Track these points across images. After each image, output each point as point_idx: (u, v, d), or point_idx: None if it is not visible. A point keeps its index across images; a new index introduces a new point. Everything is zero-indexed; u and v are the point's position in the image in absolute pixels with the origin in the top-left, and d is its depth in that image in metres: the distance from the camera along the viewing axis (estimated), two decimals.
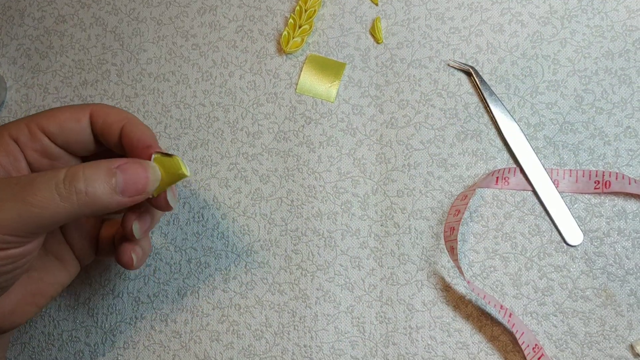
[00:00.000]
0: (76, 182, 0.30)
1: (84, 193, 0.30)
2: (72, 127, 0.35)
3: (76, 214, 0.30)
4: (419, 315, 0.41)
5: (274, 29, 0.47)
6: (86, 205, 0.30)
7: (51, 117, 0.35)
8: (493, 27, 0.45)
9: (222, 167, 0.45)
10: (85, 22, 0.50)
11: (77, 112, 0.35)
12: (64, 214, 0.30)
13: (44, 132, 0.35)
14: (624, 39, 0.43)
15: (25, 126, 0.34)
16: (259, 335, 0.42)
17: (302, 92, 0.46)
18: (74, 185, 0.29)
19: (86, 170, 0.30)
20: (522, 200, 0.42)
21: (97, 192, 0.30)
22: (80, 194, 0.30)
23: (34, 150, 0.35)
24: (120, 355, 0.43)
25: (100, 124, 0.35)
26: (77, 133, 0.35)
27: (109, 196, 0.30)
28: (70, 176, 0.30)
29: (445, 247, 0.41)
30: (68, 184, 0.29)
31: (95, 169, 0.30)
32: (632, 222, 0.40)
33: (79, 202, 0.30)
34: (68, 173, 0.30)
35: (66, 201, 0.29)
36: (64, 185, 0.29)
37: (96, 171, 0.30)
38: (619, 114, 0.42)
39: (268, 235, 0.44)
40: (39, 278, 0.36)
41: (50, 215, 0.29)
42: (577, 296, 0.40)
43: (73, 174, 0.30)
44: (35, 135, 0.35)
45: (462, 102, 0.44)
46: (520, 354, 0.39)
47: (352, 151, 0.44)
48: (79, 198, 0.30)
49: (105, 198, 0.30)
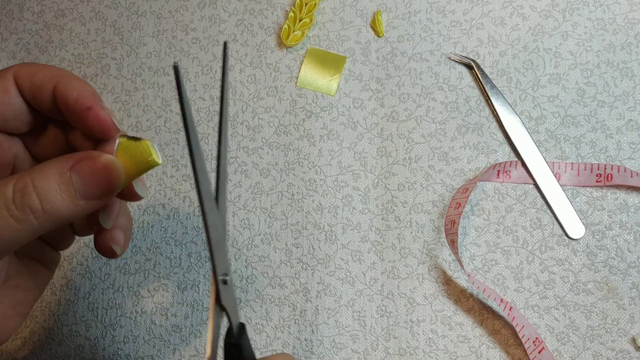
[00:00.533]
0: (28, 199, 0.25)
1: (41, 210, 0.25)
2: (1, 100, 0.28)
3: (38, 233, 0.26)
4: (420, 309, 0.41)
5: (274, 23, 0.47)
6: (47, 222, 0.25)
7: None
8: (494, 20, 0.45)
9: None
10: (85, 16, 0.49)
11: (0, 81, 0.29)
12: (24, 236, 0.25)
13: None
14: (625, 32, 0.43)
15: None
16: (260, 329, 0.42)
17: (303, 85, 0.45)
18: (26, 203, 0.25)
19: (35, 181, 0.25)
20: (524, 194, 0.42)
21: (55, 206, 0.25)
22: (37, 212, 0.25)
23: None
24: (120, 350, 0.43)
25: (28, 88, 0.29)
26: (8, 106, 0.29)
27: (71, 205, 0.26)
28: (19, 193, 0.25)
29: (446, 240, 0.41)
30: (19, 203, 0.25)
31: (45, 177, 0.25)
32: (634, 215, 0.40)
33: (39, 220, 0.25)
34: (16, 188, 0.25)
35: (23, 223, 0.25)
36: (15, 205, 0.25)
37: (47, 180, 0.25)
38: (621, 106, 0.42)
39: (268, 229, 0.43)
40: (16, 286, 0.31)
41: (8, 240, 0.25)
42: (578, 289, 0.40)
43: (22, 190, 0.25)
44: None
45: (463, 96, 0.44)
46: (521, 348, 0.39)
47: (352, 145, 0.44)
48: (37, 217, 0.25)
49: (66, 209, 0.25)
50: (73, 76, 0.29)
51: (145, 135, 0.46)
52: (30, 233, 0.25)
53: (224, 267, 0.28)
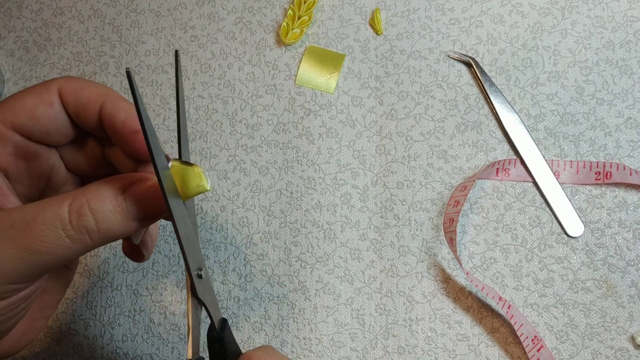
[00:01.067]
0: (84, 220, 0.25)
1: (96, 231, 0.26)
2: (44, 113, 0.29)
3: (90, 250, 0.27)
4: (419, 307, 0.41)
5: (273, 21, 0.47)
6: (101, 241, 0.26)
7: (16, 107, 0.29)
8: (493, 18, 0.44)
9: (221, 159, 0.45)
10: (84, 14, 0.49)
11: (43, 94, 0.29)
12: (78, 254, 0.26)
13: (14, 128, 0.29)
14: (624, 30, 0.43)
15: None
16: (258, 327, 0.42)
17: (302, 83, 0.45)
18: (83, 225, 0.25)
19: (91, 204, 0.26)
20: (523, 192, 0.42)
21: (110, 227, 0.26)
22: (92, 233, 0.26)
23: (7, 154, 0.29)
24: (119, 348, 0.43)
25: (73, 104, 0.29)
26: (53, 120, 0.29)
27: (124, 226, 0.26)
28: (75, 213, 0.25)
29: (444, 238, 0.41)
30: (76, 225, 0.25)
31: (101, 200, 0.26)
32: (633, 213, 0.40)
33: (93, 240, 0.26)
34: (72, 209, 0.25)
35: (78, 242, 0.26)
36: (71, 226, 0.25)
37: (103, 203, 0.26)
38: (620, 104, 0.42)
39: (267, 227, 0.43)
40: (44, 290, 0.32)
41: (60, 258, 0.26)
42: (577, 288, 0.40)
43: (78, 211, 0.25)
44: (4, 136, 0.29)
45: (462, 94, 0.44)
46: (520, 346, 0.39)
47: (351, 143, 0.44)
48: (92, 237, 0.26)
49: (120, 230, 0.26)
50: (120, 96, 0.29)
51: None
52: (83, 251, 0.26)
53: (198, 261, 0.29)
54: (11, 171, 0.30)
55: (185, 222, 0.27)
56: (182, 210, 0.27)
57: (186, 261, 0.27)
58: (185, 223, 0.27)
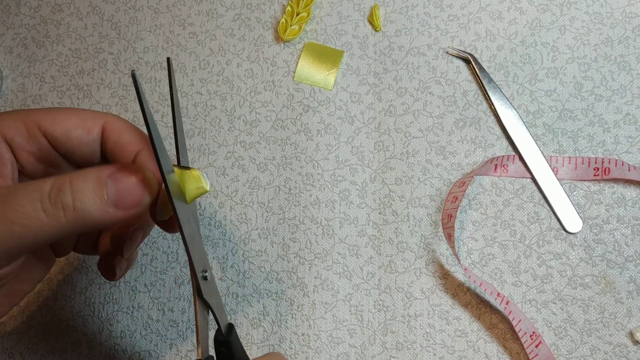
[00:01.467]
0: (63, 195, 0.26)
1: (72, 208, 0.26)
2: (79, 136, 0.30)
3: (64, 232, 0.26)
4: (418, 303, 0.41)
5: (272, 17, 0.47)
6: (75, 222, 0.26)
7: (57, 119, 0.30)
8: (492, 15, 0.44)
9: (219, 156, 0.45)
10: (82, 10, 0.49)
11: (87, 121, 0.31)
12: (50, 232, 0.26)
13: (45, 134, 0.30)
14: (623, 26, 0.43)
15: (22, 125, 0.30)
16: (257, 324, 0.42)
17: (300, 80, 0.45)
18: (60, 199, 0.26)
19: (73, 181, 0.26)
20: (521, 188, 0.42)
21: (86, 207, 0.26)
22: (67, 210, 0.26)
23: (30, 153, 0.30)
24: (117, 345, 0.43)
25: (113, 143, 0.31)
26: (84, 145, 0.31)
27: (101, 210, 0.26)
28: (56, 188, 0.26)
29: (443, 234, 0.41)
30: (54, 199, 0.25)
31: (84, 178, 0.26)
32: (632, 209, 0.40)
33: (67, 218, 0.26)
34: (54, 185, 0.26)
35: (52, 218, 0.25)
36: (49, 199, 0.25)
37: (85, 181, 0.26)
38: (619, 100, 0.42)
39: (265, 223, 0.43)
40: (14, 278, 0.32)
41: (34, 234, 0.26)
42: (576, 283, 0.40)
43: (59, 186, 0.26)
44: (34, 136, 0.30)
45: (460, 90, 0.44)
46: (518, 342, 0.39)
47: (350, 139, 0.44)
48: (67, 214, 0.26)
49: (96, 213, 0.26)
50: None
51: (142, 129, 0.46)
52: (57, 231, 0.26)
53: (203, 263, 0.29)
54: (27, 169, 0.31)
55: (190, 224, 0.27)
56: (187, 213, 0.27)
57: (192, 263, 0.27)
58: (189, 225, 0.27)
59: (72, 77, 0.48)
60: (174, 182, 0.26)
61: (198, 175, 0.28)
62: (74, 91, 0.48)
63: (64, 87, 0.48)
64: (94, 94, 0.47)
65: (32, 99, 0.48)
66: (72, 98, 0.48)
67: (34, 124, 0.30)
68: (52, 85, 0.48)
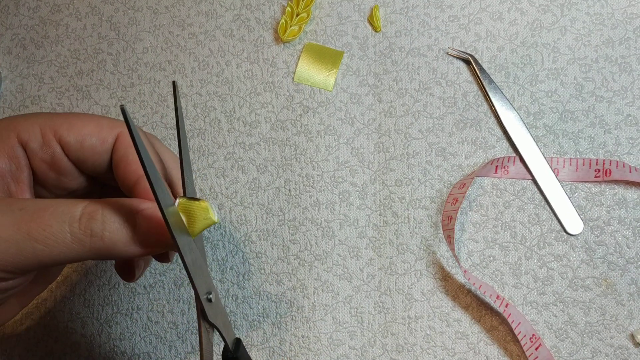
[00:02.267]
0: (94, 223, 0.26)
1: (100, 237, 0.26)
2: (94, 145, 0.30)
3: (83, 258, 0.26)
4: (418, 305, 0.41)
5: (271, 18, 0.47)
6: (98, 251, 0.26)
7: (73, 126, 0.30)
8: (492, 15, 0.44)
9: (219, 157, 0.45)
10: (81, 11, 0.49)
11: (103, 130, 0.30)
12: (70, 256, 0.26)
13: (60, 141, 0.30)
14: (624, 27, 0.43)
15: (39, 129, 0.29)
16: (257, 325, 0.42)
17: (300, 81, 0.45)
18: (90, 227, 0.26)
19: (106, 211, 0.26)
20: (522, 189, 0.41)
21: (113, 238, 0.26)
22: (95, 237, 0.26)
23: (43, 160, 0.30)
24: (116, 347, 0.43)
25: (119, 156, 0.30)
26: (98, 154, 0.30)
27: (126, 245, 0.26)
28: (87, 215, 0.26)
29: (443, 236, 0.41)
30: (84, 225, 0.25)
31: (117, 210, 0.26)
32: (633, 211, 0.40)
33: (92, 245, 0.26)
34: (86, 211, 0.26)
35: (78, 243, 0.25)
36: (79, 224, 0.25)
37: (117, 213, 0.26)
38: (620, 102, 0.42)
39: (265, 225, 0.43)
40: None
41: (55, 255, 0.25)
42: (577, 285, 0.40)
43: (91, 213, 0.26)
44: (49, 143, 0.29)
45: (461, 91, 0.43)
46: (519, 344, 0.39)
47: (350, 140, 0.44)
48: (93, 242, 0.26)
49: (121, 245, 0.26)
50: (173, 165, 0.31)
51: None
52: (78, 256, 0.26)
53: (207, 285, 0.29)
54: (39, 176, 0.30)
55: (192, 249, 0.27)
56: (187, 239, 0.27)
57: (195, 288, 0.27)
58: (191, 250, 0.27)
59: (71, 78, 0.48)
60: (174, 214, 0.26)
61: (206, 207, 0.28)
62: (72, 92, 0.48)
63: (62, 88, 0.48)
64: (93, 94, 0.47)
65: (30, 100, 0.48)
66: (71, 99, 0.48)
67: (50, 130, 0.29)
68: (51, 86, 0.48)
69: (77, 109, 0.47)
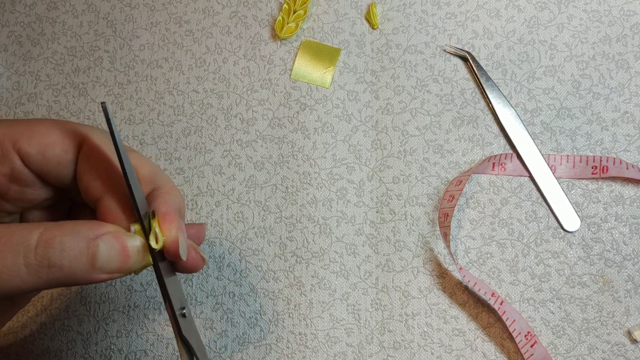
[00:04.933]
0: (51, 251, 0.24)
1: (58, 267, 0.24)
2: (57, 155, 0.28)
3: (42, 288, 0.25)
4: (415, 302, 0.41)
5: (268, 15, 0.47)
6: (57, 281, 0.24)
7: (33, 134, 0.28)
8: (489, 12, 0.44)
9: (216, 154, 0.45)
10: (78, 8, 0.49)
11: (67, 138, 0.28)
12: (27, 288, 0.24)
13: (19, 152, 0.28)
14: (621, 24, 0.43)
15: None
16: (254, 323, 0.42)
17: (297, 78, 0.45)
18: (47, 256, 0.24)
19: (64, 238, 0.24)
20: (519, 186, 0.41)
21: (73, 267, 0.24)
22: (53, 268, 0.24)
23: (2, 173, 0.28)
24: (113, 344, 0.43)
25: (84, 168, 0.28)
26: (62, 165, 0.28)
27: (87, 273, 0.25)
28: (44, 242, 0.24)
29: (439, 233, 0.41)
30: (40, 253, 0.24)
31: (75, 237, 0.25)
32: (630, 208, 0.40)
33: (50, 276, 0.24)
34: (42, 238, 0.24)
35: (34, 275, 0.24)
36: (34, 253, 0.24)
37: (75, 240, 0.24)
38: (617, 99, 0.42)
39: (262, 222, 0.43)
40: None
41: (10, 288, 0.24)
42: (574, 282, 0.40)
43: (47, 241, 0.24)
44: (7, 155, 0.27)
45: (458, 88, 0.43)
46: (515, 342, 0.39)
47: (347, 137, 0.44)
48: (51, 272, 0.24)
49: (82, 274, 0.25)
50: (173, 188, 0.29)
51: (138, 128, 0.46)
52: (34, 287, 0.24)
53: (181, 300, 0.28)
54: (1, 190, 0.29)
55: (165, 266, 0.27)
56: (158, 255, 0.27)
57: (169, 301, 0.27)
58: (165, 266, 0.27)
59: (68, 75, 0.48)
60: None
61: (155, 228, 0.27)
62: (69, 89, 0.47)
63: (59, 85, 0.48)
64: (90, 92, 0.47)
65: (27, 97, 0.48)
66: (68, 96, 0.47)
67: (9, 140, 0.27)
68: (48, 84, 0.48)
69: (74, 106, 0.47)
